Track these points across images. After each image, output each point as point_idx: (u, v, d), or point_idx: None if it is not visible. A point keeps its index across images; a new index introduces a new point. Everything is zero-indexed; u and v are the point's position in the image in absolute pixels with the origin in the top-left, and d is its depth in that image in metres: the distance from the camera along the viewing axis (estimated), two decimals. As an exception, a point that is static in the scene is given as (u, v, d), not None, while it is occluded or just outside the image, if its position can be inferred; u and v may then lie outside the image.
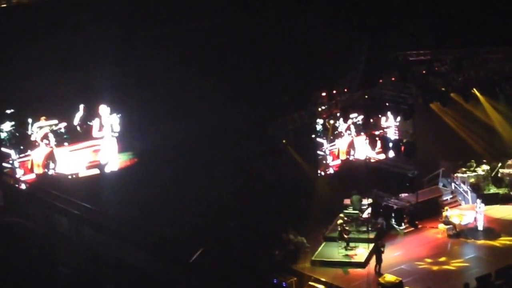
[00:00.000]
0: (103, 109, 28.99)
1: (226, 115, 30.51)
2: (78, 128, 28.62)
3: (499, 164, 34.71)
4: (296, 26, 31.44)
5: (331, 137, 33.01)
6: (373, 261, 28.66)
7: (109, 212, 25.95)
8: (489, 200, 32.91)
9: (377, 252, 28.60)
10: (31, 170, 28.00)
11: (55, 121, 28.24)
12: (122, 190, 28.72)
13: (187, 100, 30.11)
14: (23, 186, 26.62)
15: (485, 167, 34.58)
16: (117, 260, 23.44)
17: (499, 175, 34.55)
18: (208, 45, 29.81)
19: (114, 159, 29.45)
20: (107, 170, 29.30)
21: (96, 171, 29.25)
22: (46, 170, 28.28)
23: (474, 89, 32.57)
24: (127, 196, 28.47)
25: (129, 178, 29.42)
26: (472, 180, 34.07)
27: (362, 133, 33.25)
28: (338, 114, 31.65)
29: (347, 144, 34.03)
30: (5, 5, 27.74)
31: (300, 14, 31.43)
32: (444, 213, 31.53)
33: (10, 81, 27.09)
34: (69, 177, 28.70)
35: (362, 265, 28.95)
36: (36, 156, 28.09)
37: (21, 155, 27.78)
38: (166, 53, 29.16)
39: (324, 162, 33.26)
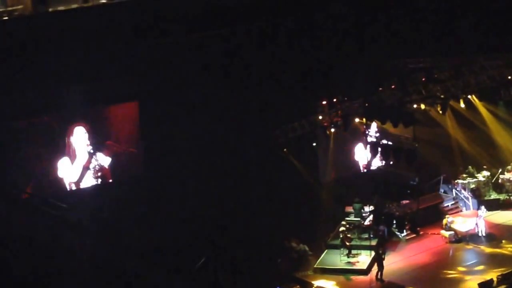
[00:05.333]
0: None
1: (227, 124, 30.63)
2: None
3: (500, 170, 34.81)
4: (296, 35, 31.58)
5: (332, 145, 33.13)
6: (375, 268, 28.74)
7: (111, 221, 26.14)
8: (490, 206, 32.99)
9: (378, 258, 28.69)
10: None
11: None
12: (124, 200, 28.80)
13: (188, 108, 30.22)
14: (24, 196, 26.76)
15: (486, 173, 34.68)
16: (119, 270, 23.56)
17: (499, 181, 34.63)
18: (209, 53, 29.94)
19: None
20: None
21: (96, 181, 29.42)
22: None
23: (473, 96, 32.78)
24: (129, 206, 28.56)
25: (131, 187, 29.48)
26: (472, 186, 34.16)
27: (363, 140, 33.43)
28: (338, 122, 31.75)
29: (348, 151, 34.18)
30: (6, 18, 27.90)
31: (301, 24, 31.60)
32: (445, 220, 31.60)
33: (11, 90, 27.25)
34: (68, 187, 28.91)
35: (364, 272, 29.03)
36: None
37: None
38: (169, 62, 29.30)
39: (326, 169, 33.41)
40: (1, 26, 27.45)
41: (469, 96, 32.61)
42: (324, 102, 31.82)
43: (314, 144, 32.22)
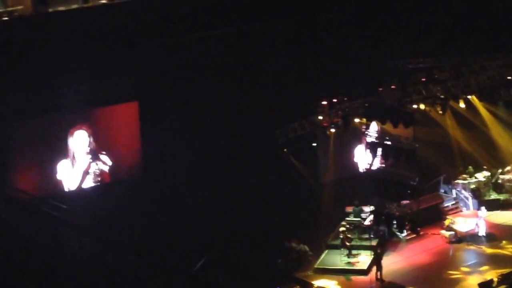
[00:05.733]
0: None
1: (227, 124, 30.64)
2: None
3: (499, 170, 34.81)
4: (296, 36, 31.62)
5: (332, 145, 33.15)
6: (375, 268, 28.74)
7: (111, 222, 26.13)
8: (490, 206, 32.97)
9: (376, 259, 28.71)
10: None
11: None
12: (124, 200, 28.80)
13: (188, 108, 30.24)
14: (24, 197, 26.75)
15: (486, 173, 34.67)
16: (119, 271, 23.59)
17: (499, 181, 34.62)
18: (210, 55, 30.00)
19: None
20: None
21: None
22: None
23: (474, 96, 32.82)
24: (129, 207, 28.57)
25: (131, 188, 29.49)
26: (472, 186, 34.17)
27: (362, 142, 33.45)
28: (338, 123, 31.77)
29: (348, 152, 34.19)
30: (6, 18, 27.93)
31: (301, 25, 31.64)
32: (448, 221, 31.59)
33: (12, 90, 27.25)
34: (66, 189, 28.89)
35: (365, 272, 29.03)
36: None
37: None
38: (169, 62, 29.34)
39: (326, 169, 33.43)
40: (2, 26, 27.48)
41: (469, 96, 32.66)
42: (324, 102, 31.83)
43: (314, 144, 32.22)
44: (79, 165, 28.96)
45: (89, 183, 29.25)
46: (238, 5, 30.69)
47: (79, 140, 28.94)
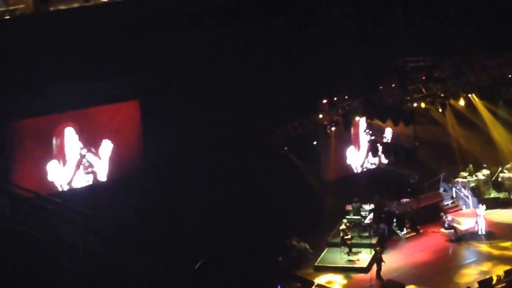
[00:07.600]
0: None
1: (227, 123, 30.71)
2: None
3: (499, 169, 34.90)
4: (296, 35, 31.68)
5: (332, 144, 33.25)
6: (375, 266, 28.84)
7: (112, 219, 26.23)
8: (489, 204, 33.06)
9: (375, 256, 28.83)
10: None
11: None
12: (124, 197, 28.86)
13: (188, 108, 30.30)
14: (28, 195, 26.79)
15: (485, 171, 34.77)
16: (121, 268, 23.70)
17: (499, 179, 34.72)
18: (210, 54, 30.05)
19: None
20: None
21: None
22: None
23: (474, 95, 32.91)
24: (130, 204, 28.64)
25: (132, 186, 29.56)
26: (472, 184, 34.25)
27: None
28: (339, 121, 31.85)
29: (349, 150, 34.28)
30: (8, 17, 27.98)
31: (301, 23, 31.71)
32: (443, 218, 31.70)
33: (11, 90, 27.31)
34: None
35: (365, 270, 29.13)
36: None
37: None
38: (170, 61, 29.40)
39: (327, 167, 33.52)
40: (3, 25, 27.53)
41: (469, 95, 32.75)
42: (324, 101, 31.91)
43: (315, 143, 32.29)
44: (70, 163, 28.88)
45: (80, 177, 29.11)
46: (238, 5, 30.73)
47: (68, 138, 28.81)
